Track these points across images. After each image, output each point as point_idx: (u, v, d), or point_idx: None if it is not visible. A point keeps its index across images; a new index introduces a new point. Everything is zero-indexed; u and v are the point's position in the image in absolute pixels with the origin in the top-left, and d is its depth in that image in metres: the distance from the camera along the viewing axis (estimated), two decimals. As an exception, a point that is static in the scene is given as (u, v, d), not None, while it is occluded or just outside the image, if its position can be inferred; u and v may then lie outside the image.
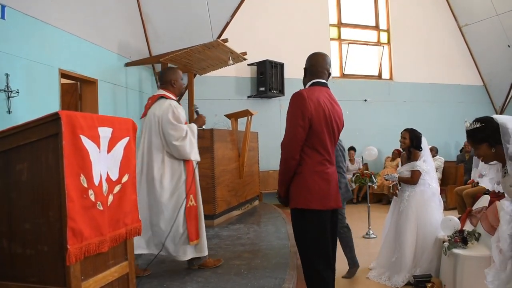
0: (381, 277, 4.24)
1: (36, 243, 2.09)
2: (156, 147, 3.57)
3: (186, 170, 3.61)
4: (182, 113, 3.63)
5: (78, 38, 5.69)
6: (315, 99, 2.45)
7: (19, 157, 2.12)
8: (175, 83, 3.78)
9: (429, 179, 4.27)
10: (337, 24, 9.90)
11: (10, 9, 4.37)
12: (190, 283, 3.45)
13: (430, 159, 4.42)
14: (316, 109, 2.44)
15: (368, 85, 9.93)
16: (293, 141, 2.44)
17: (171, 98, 3.69)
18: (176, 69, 4.05)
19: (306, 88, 2.59)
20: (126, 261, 2.48)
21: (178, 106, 3.65)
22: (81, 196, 2.05)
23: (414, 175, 4.26)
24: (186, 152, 3.54)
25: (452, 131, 10.23)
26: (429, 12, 10.21)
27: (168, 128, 3.52)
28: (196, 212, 3.65)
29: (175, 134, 3.51)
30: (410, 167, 4.31)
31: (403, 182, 4.36)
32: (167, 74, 3.82)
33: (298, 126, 2.42)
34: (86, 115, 2.18)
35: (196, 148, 3.64)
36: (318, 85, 2.59)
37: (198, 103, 7.97)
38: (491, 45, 10.05)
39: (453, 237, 3.83)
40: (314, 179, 2.46)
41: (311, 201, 2.45)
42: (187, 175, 3.60)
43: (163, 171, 3.54)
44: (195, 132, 3.67)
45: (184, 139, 3.53)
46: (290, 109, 2.49)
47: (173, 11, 7.81)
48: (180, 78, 3.83)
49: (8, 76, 4.35)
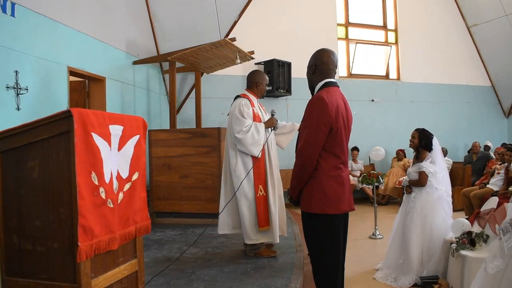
0: (387, 278, 4.22)
1: (46, 240, 2.10)
2: (230, 143, 4.10)
3: (253, 162, 4.01)
4: (250, 111, 4.03)
5: (87, 36, 5.71)
6: (334, 103, 2.41)
7: (30, 154, 2.13)
8: (259, 86, 4.26)
9: (435, 182, 4.23)
10: (344, 24, 9.86)
11: (20, 7, 4.39)
12: (196, 281, 3.46)
13: (440, 160, 4.37)
14: (336, 114, 2.40)
15: (376, 85, 9.89)
16: (313, 146, 2.39)
17: (246, 97, 4.13)
18: (262, 72, 4.43)
19: (322, 90, 2.50)
20: (135, 259, 2.49)
21: (248, 104, 4.06)
22: (92, 193, 2.06)
23: (421, 177, 4.25)
24: (246, 145, 3.94)
25: (460, 131, 10.19)
26: (437, 12, 10.14)
27: (233, 122, 4.00)
28: (266, 201, 4.05)
29: (237, 127, 3.95)
30: (416, 168, 4.30)
31: (413, 185, 4.34)
32: (254, 76, 4.27)
33: (319, 132, 2.37)
34: (97, 113, 2.18)
35: (259, 145, 3.98)
36: (331, 85, 2.54)
37: (206, 101, 8.02)
38: (499, 45, 9.97)
39: (461, 238, 3.81)
40: (330, 184, 2.43)
41: (327, 206, 2.41)
42: (254, 167, 4.01)
43: (235, 165, 4.02)
44: (260, 129, 4.00)
45: (245, 133, 3.93)
46: (311, 114, 2.41)
47: (181, 10, 7.82)
48: (266, 82, 4.30)
49: (17, 73, 4.37)
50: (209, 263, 3.99)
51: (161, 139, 6.08)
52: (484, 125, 10.41)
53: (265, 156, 4.07)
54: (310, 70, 2.63)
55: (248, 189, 4.03)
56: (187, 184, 5.96)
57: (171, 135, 6.12)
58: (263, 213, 4.05)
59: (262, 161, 4.06)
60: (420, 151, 4.37)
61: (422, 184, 4.23)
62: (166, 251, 4.46)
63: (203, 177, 5.89)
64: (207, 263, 4.01)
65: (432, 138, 4.34)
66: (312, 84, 2.63)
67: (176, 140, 6.03)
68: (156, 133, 6.18)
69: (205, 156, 5.88)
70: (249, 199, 4.04)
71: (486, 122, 10.49)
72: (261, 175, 4.06)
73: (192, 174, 5.94)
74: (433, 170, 4.24)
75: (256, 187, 4.03)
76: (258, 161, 4.03)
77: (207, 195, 5.83)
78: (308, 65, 2.65)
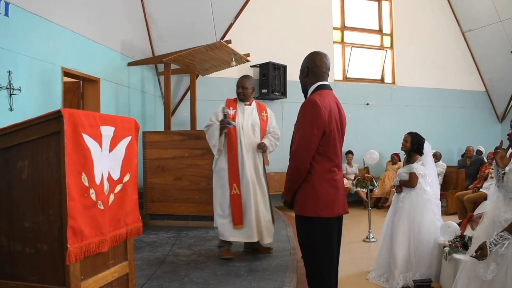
0: (379, 279, 4.26)
1: (35, 242, 2.07)
2: None
3: (227, 162, 4.23)
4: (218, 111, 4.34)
5: (81, 37, 5.69)
6: (328, 106, 2.41)
7: (20, 154, 2.10)
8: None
9: (424, 184, 4.27)
10: (340, 28, 9.89)
11: (14, 6, 4.36)
12: (189, 284, 3.44)
13: (430, 164, 4.44)
14: (329, 117, 2.40)
15: (371, 88, 9.92)
16: (306, 150, 2.39)
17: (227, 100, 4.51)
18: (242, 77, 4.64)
19: (315, 93, 2.49)
20: (126, 261, 2.47)
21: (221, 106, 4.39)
22: (82, 195, 2.04)
23: (411, 178, 4.29)
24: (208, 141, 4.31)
25: (454, 136, 10.23)
26: (432, 17, 10.20)
27: None
28: (240, 200, 4.18)
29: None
30: (407, 170, 4.34)
31: (403, 186, 4.37)
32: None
33: (312, 135, 2.36)
34: (88, 114, 2.16)
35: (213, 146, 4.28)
36: (324, 88, 2.53)
37: (201, 104, 8.01)
38: (494, 51, 10.04)
39: (454, 242, 3.83)
40: (324, 187, 2.42)
41: (321, 209, 2.41)
42: (228, 165, 4.22)
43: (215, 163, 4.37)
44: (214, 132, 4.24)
45: (206, 132, 4.33)
46: (304, 118, 2.41)
47: (176, 12, 7.81)
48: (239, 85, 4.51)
49: (10, 73, 4.34)
50: (202, 266, 3.97)
51: (155, 141, 6.05)
52: (478, 129, 10.46)
53: (238, 155, 4.23)
54: (302, 73, 2.62)
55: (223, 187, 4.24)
56: (181, 186, 5.94)
57: (166, 137, 6.10)
58: (238, 212, 4.16)
59: (235, 161, 4.22)
60: (411, 155, 4.41)
61: (412, 185, 4.27)
62: (159, 254, 4.44)
63: (198, 179, 5.87)
64: (200, 265, 3.99)
65: (424, 143, 4.37)
66: (305, 87, 2.62)
67: (170, 142, 6.01)
68: (151, 134, 6.16)
69: (199, 158, 5.86)
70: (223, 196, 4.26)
71: (480, 127, 10.54)
72: (234, 174, 4.20)
73: (186, 176, 5.92)
74: (423, 173, 4.28)
75: (230, 185, 4.21)
76: (231, 161, 4.22)
77: (201, 197, 5.81)
78: (301, 68, 2.64)
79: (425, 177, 4.29)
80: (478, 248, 2.61)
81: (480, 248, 2.60)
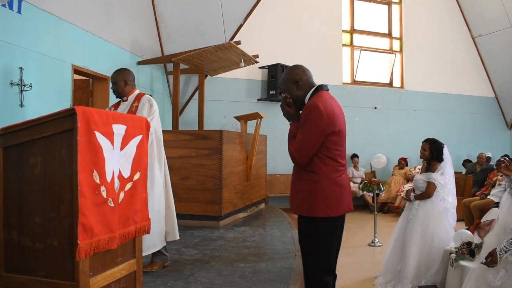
0: (386, 285, 4.22)
1: (46, 237, 2.09)
2: None
3: None
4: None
5: (92, 35, 5.73)
6: (330, 109, 2.43)
7: (33, 151, 2.12)
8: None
9: (444, 193, 4.19)
10: (349, 30, 9.88)
11: (26, 4, 4.41)
12: (194, 283, 3.44)
13: (450, 171, 4.31)
14: (333, 119, 2.43)
15: (379, 92, 9.90)
16: (308, 150, 2.43)
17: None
18: None
19: (316, 96, 2.50)
20: (134, 259, 2.48)
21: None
22: (93, 192, 2.05)
23: (429, 187, 4.19)
24: None
25: (462, 142, 10.17)
26: (442, 22, 10.16)
27: None
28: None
29: None
30: (426, 178, 4.23)
31: (418, 199, 4.26)
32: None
33: (314, 139, 2.41)
34: (101, 112, 2.18)
35: None
36: (323, 89, 2.55)
37: (208, 104, 8.04)
38: (504, 57, 9.98)
39: (461, 249, 3.80)
40: (332, 187, 2.45)
41: (330, 209, 2.44)
42: None
43: None
44: None
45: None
46: (307, 122, 2.43)
47: (186, 12, 7.84)
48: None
49: (22, 70, 4.38)
50: (207, 266, 3.98)
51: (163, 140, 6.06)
52: (487, 136, 10.40)
53: None
54: (294, 89, 2.58)
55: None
56: (187, 185, 5.94)
57: (173, 136, 6.11)
58: None
59: None
60: (431, 164, 4.29)
61: (428, 196, 4.17)
62: (165, 252, 4.44)
63: (204, 179, 5.88)
64: (205, 265, 3.99)
65: (443, 148, 4.28)
66: (302, 100, 2.58)
67: (177, 142, 6.02)
68: (158, 133, 6.17)
69: (206, 158, 5.87)
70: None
71: (489, 133, 10.47)
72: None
73: (192, 176, 5.93)
74: (443, 182, 4.18)
75: None
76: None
77: (207, 197, 5.82)
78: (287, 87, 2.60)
79: (445, 186, 4.19)
80: (488, 254, 2.62)
81: (490, 254, 2.60)
